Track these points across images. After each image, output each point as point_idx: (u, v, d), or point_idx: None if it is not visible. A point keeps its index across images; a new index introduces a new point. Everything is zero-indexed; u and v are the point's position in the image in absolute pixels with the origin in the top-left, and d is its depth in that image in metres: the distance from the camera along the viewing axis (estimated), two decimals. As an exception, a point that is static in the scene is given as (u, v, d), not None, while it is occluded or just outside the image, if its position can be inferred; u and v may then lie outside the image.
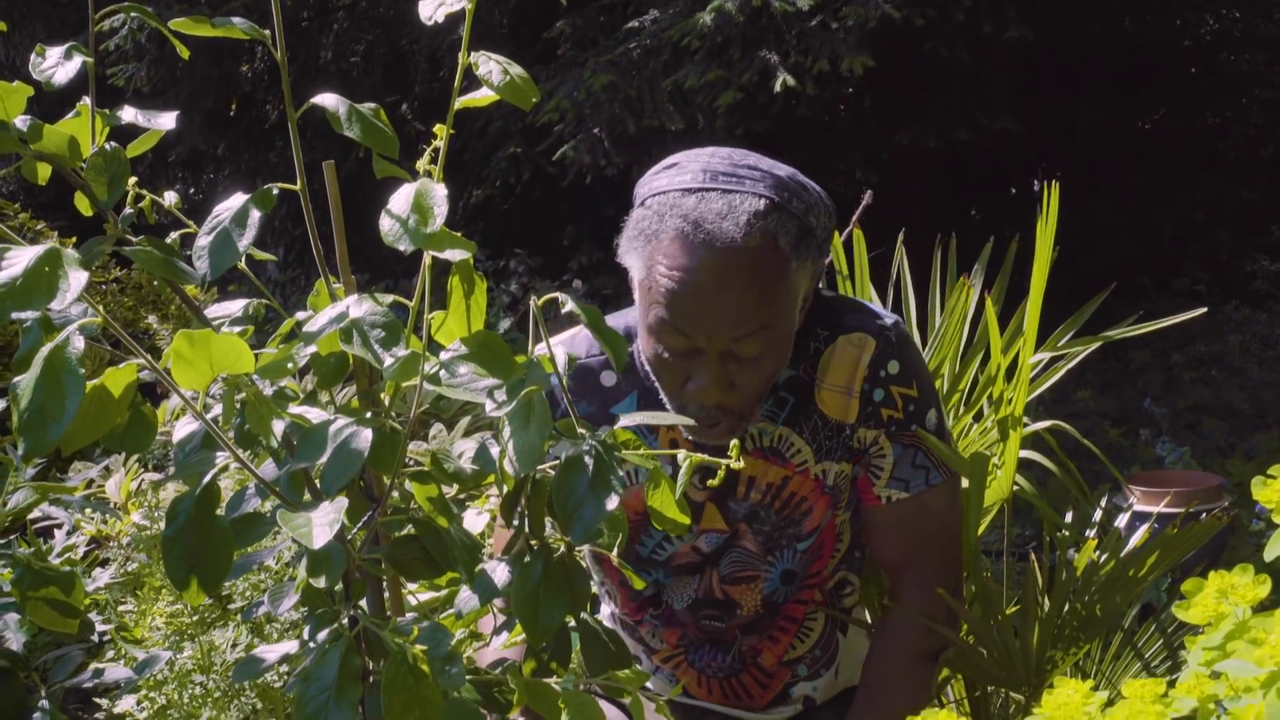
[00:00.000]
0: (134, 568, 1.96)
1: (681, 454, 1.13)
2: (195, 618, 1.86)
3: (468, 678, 0.99)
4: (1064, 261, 1.89)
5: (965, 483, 1.69)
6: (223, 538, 0.95)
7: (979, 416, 1.92)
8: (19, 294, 0.85)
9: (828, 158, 6.12)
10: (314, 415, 1.04)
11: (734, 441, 1.28)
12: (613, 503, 1.01)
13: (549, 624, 1.05)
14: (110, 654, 1.85)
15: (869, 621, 1.82)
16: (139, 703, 1.75)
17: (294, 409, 1.05)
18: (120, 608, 1.93)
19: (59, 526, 2.03)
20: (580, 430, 1.06)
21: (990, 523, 1.93)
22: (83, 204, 1.10)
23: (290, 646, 1.03)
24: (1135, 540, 1.81)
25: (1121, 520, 1.93)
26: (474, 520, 1.22)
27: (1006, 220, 6.04)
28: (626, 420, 1.18)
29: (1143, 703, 0.65)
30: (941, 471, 1.64)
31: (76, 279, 0.88)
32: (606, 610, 1.88)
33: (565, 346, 1.69)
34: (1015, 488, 1.78)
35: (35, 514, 2.21)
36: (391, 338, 1.01)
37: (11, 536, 1.99)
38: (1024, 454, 1.81)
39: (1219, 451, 4.48)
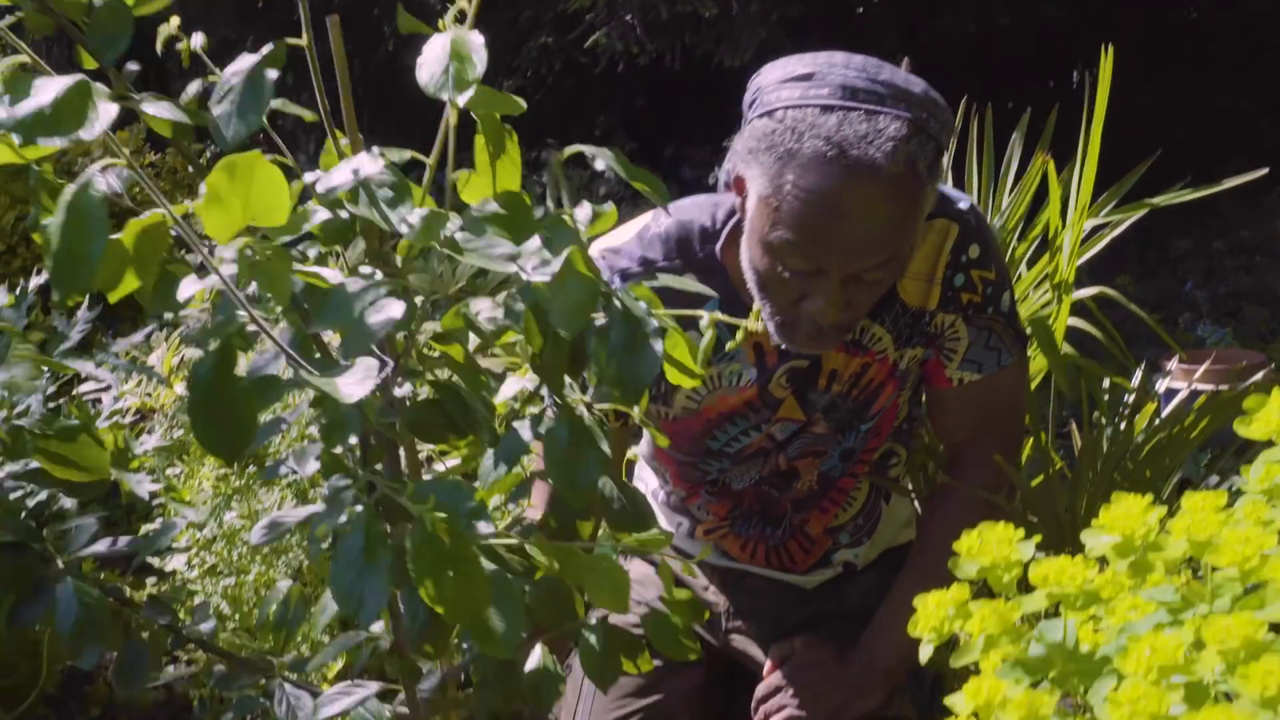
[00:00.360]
0: (179, 434, 1.98)
1: (704, 319, 1.11)
2: (241, 482, 1.89)
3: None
4: (1106, 149, 1.85)
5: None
6: (245, 399, 0.93)
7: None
8: (48, 121, 0.84)
9: (863, 44, 5.98)
10: (331, 276, 1.01)
11: (755, 308, 1.24)
12: (654, 362, 0.98)
13: (585, 483, 1.04)
14: (160, 519, 1.88)
15: (911, 488, 1.83)
16: (189, 562, 1.78)
17: (306, 269, 1.02)
18: (168, 470, 1.96)
19: (106, 390, 2.04)
20: (611, 291, 1.02)
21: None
22: (86, 60, 1.08)
23: (316, 509, 1.03)
24: (1181, 407, 1.80)
25: (1161, 385, 1.92)
26: (513, 386, 1.20)
27: (1043, 112, 5.91)
28: (665, 281, 1.15)
29: (1204, 513, 0.65)
30: (1013, 353, 1.63)
31: (106, 111, 0.86)
32: (653, 484, 1.89)
33: (610, 259, 1.65)
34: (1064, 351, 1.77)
35: (83, 387, 2.24)
36: (399, 197, 0.97)
37: (61, 401, 2.02)
38: (1070, 322, 1.80)
39: (1260, 337, 4.44)
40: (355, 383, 0.89)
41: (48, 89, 0.85)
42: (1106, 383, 1.89)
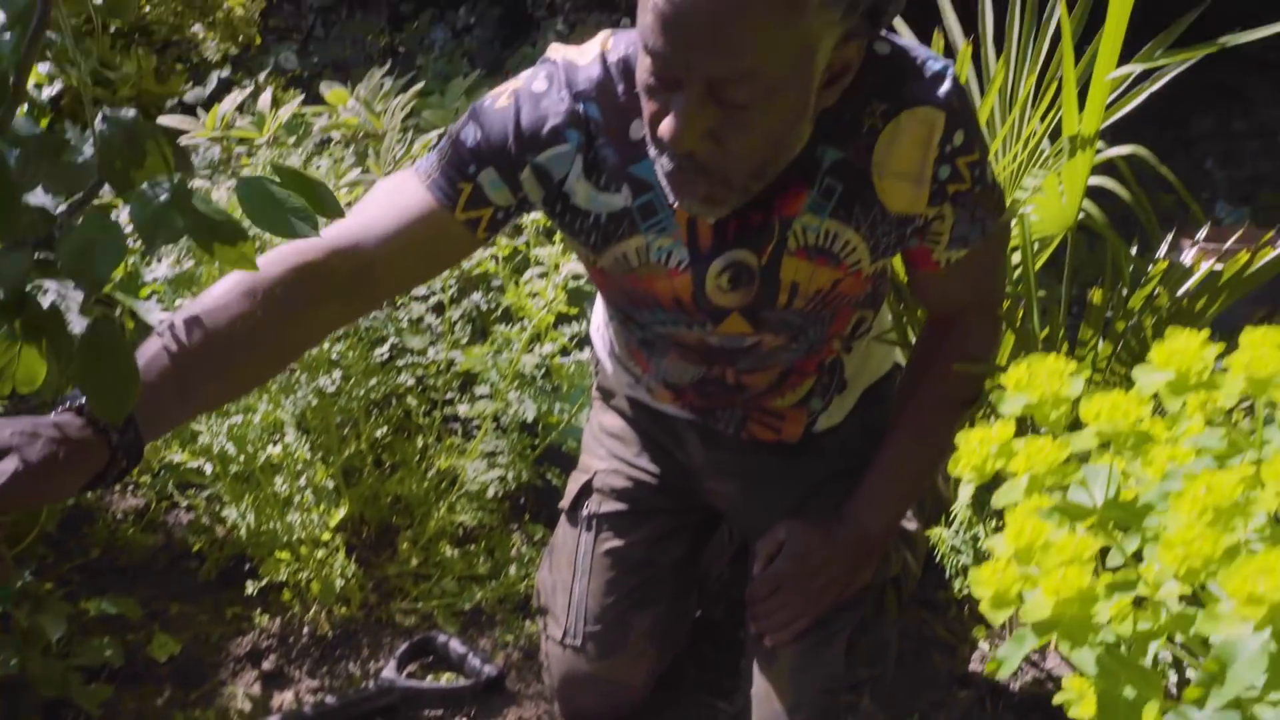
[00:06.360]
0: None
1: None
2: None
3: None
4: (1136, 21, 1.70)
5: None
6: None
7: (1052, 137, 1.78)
8: None
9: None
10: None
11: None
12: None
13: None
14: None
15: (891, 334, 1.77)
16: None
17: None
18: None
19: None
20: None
21: (1048, 258, 1.86)
22: None
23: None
24: (1192, 283, 1.72)
25: (1186, 257, 1.85)
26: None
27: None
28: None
29: (1264, 349, 0.61)
30: (994, 216, 1.49)
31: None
32: (602, 345, 1.84)
33: (569, 73, 1.43)
34: (1081, 215, 1.70)
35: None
36: None
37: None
38: (1095, 181, 1.71)
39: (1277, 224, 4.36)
40: None
41: None
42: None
